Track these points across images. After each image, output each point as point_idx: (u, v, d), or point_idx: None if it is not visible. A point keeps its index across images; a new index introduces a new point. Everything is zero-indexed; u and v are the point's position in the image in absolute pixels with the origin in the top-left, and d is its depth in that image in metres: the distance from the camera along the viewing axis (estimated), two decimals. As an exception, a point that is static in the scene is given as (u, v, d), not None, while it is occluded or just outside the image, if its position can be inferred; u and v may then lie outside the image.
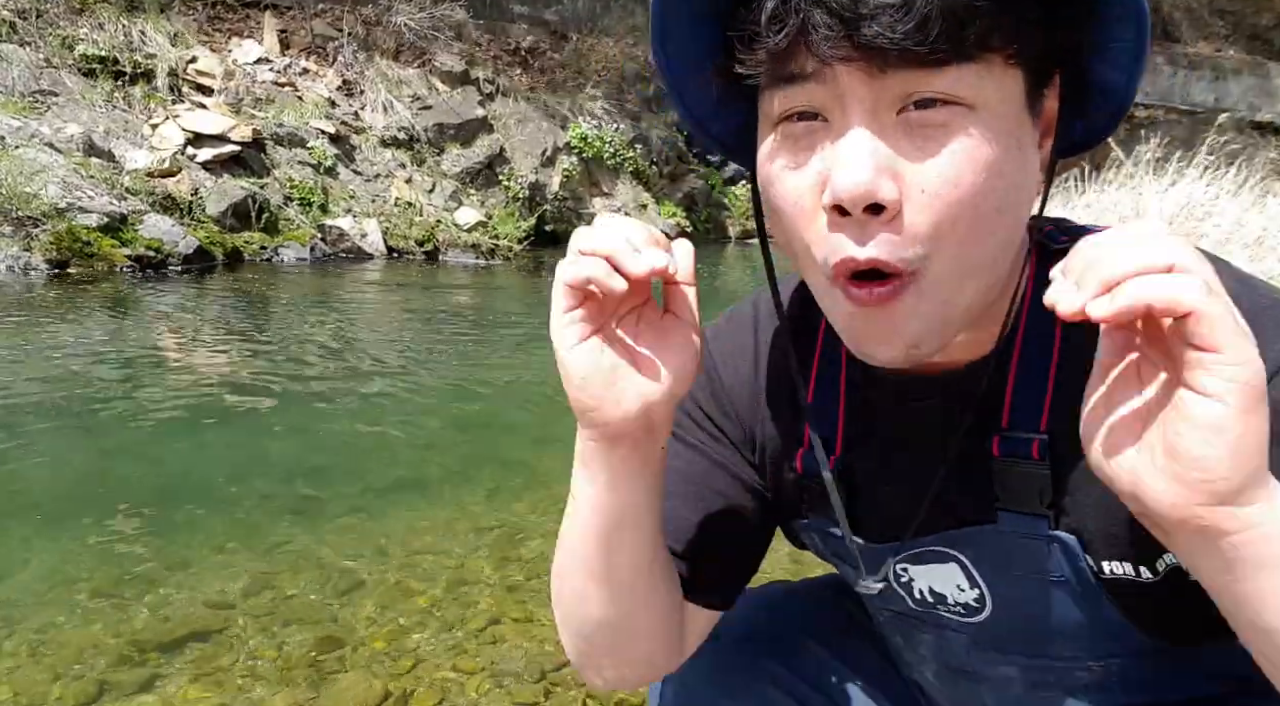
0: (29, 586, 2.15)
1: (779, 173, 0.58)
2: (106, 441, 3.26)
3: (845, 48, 0.51)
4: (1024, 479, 0.65)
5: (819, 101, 0.54)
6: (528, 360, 4.88)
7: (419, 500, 2.78)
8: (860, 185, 0.52)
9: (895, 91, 0.52)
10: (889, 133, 0.53)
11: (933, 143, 0.53)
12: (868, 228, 0.54)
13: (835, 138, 0.54)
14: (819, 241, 0.57)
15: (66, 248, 6.50)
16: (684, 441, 0.81)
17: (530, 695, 1.80)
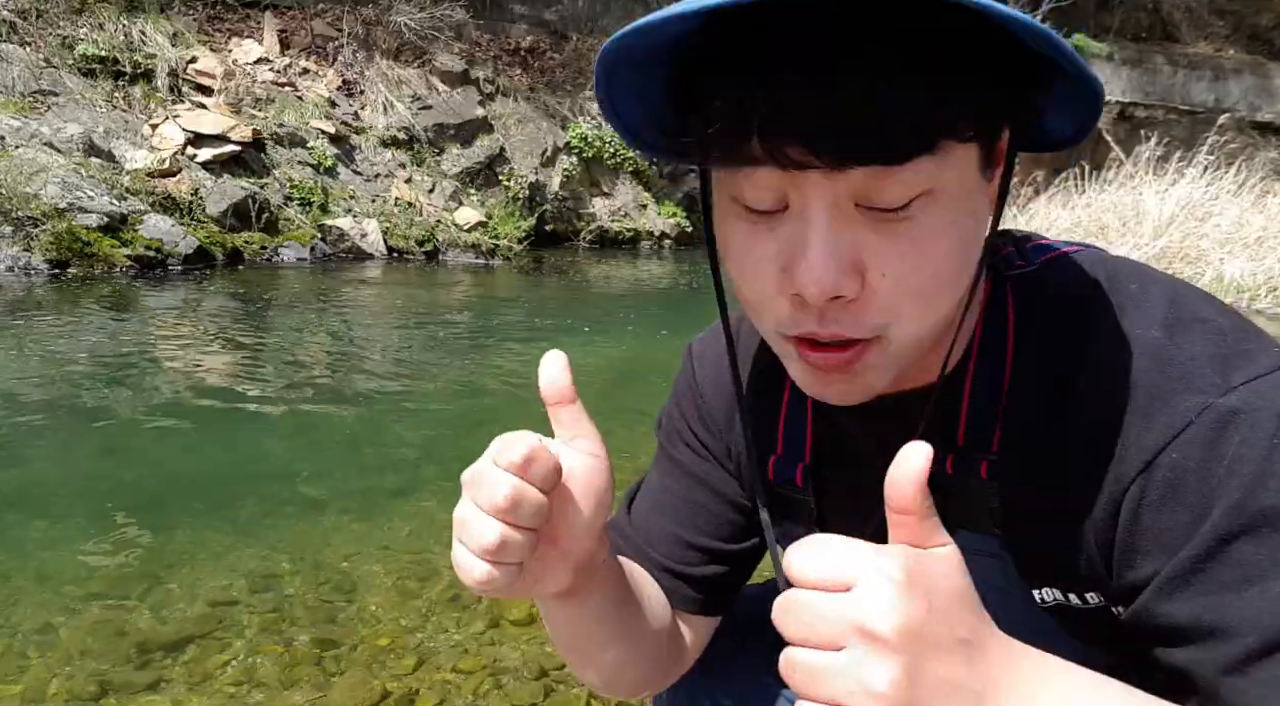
0: (29, 586, 2.15)
1: (736, 245, 0.58)
2: (106, 441, 3.26)
3: (805, 154, 0.50)
4: (974, 496, 0.67)
5: (780, 193, 0.53)
6: (528, 360, 4.89)
7: (419, 500, 2.78)
8: (825, 287, 0.53)
9: (856, 185, 0.52)
10: (851, 222, 0.53)
11: (895, 232, 0.53)
12: (830, 311, 0.55)
13: (796, 226, 0.54)
14: (778, 311, 0.57)
15: (66, 248, 6.50)
16: (671, 458, 0.85)
17: (529, 695, 1.80)
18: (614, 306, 7.02)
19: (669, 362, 4.30)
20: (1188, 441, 0.56)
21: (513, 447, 0.57)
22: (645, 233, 10.94)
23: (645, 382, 4.55)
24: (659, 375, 4.74)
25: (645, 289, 8.26)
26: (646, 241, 10.94)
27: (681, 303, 7.54)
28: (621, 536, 0.85)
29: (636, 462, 3.19)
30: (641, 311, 6.80)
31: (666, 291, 8.26)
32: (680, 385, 0.87)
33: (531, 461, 0.56)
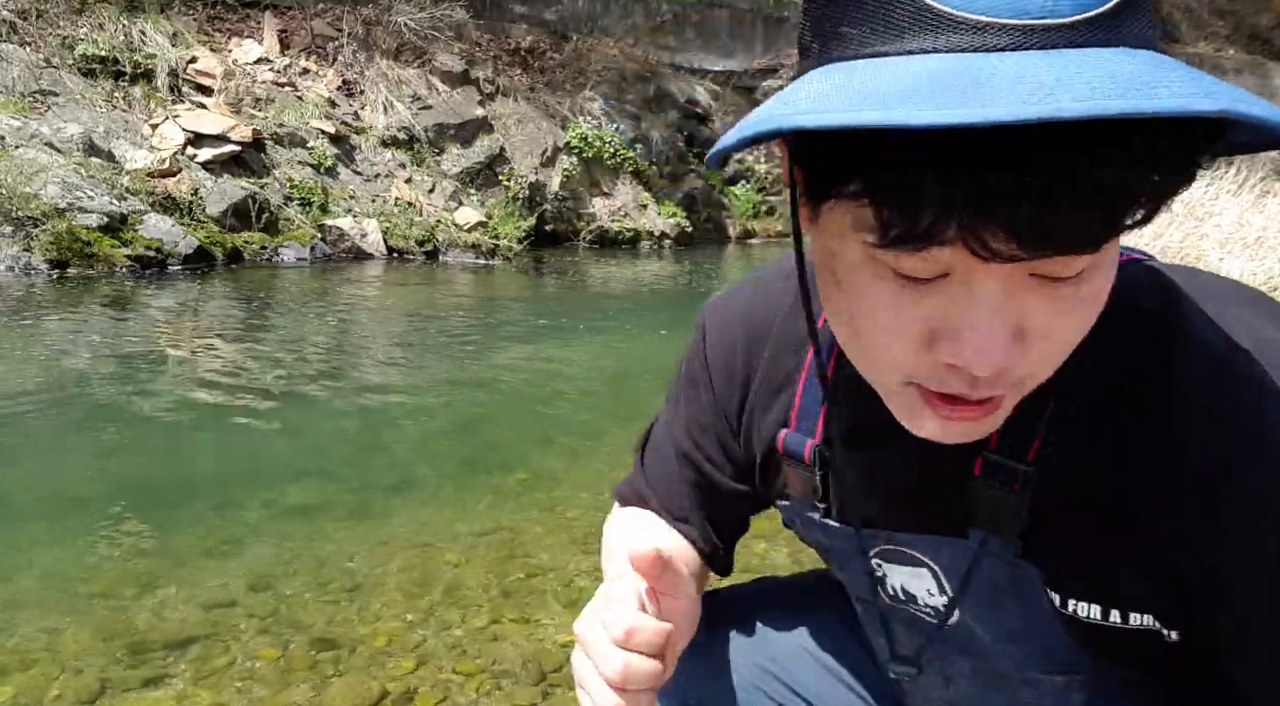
0: (29, 586, 2.15)
1: (876, 301, 0.52)
2: (106, 441, 3.26)
3: (1014, 249, 0.44)
4: (999, 504, 0.65)
5: (946, 264, 0.48)
6: (528, 360, 4.89)
7: (419, 500, 2.79)
8: (994, 365, 0.49)
9: (1037, 264, 0.47)
10: (1020, 291, 0.48)
11: (1061, 296, 0.49)
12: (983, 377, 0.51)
13: (958, 296, 0.49)
14: (916, 368, 0.53)
15: (66, 248, 6.50)
16: (679, 412, 0.87)
17: (529, 696, 1.80)
18: (614, 306, 7.03)
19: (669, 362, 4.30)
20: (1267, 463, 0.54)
21: (617, 619, 0.62)
22: (645, 233, 10.94)
23: (644, 382, 4.55)
24: (658, 375, 4.74)
25: (645, 289, 8.26)
26: (646, 241, 10.94)
27: (681, 303, 7.55)
28: (636, 492, 0.91)
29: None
30: (641, 311, 6.80)
31: (666, 291, 8.26)
32: (693, 351, 0.87)
33: (634, 633, 0.62)
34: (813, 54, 0.49)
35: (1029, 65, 0.40)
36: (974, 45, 0.42)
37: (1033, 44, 0.42)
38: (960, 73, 0.41)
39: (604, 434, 3.56)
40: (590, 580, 2.28)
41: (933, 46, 0.43)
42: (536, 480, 2.98)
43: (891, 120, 0.39)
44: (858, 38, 0.45)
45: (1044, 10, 0.42)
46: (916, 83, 0.41)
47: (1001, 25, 0.42)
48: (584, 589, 2.23)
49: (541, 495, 2.84)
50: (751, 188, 12.57)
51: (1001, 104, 0.38)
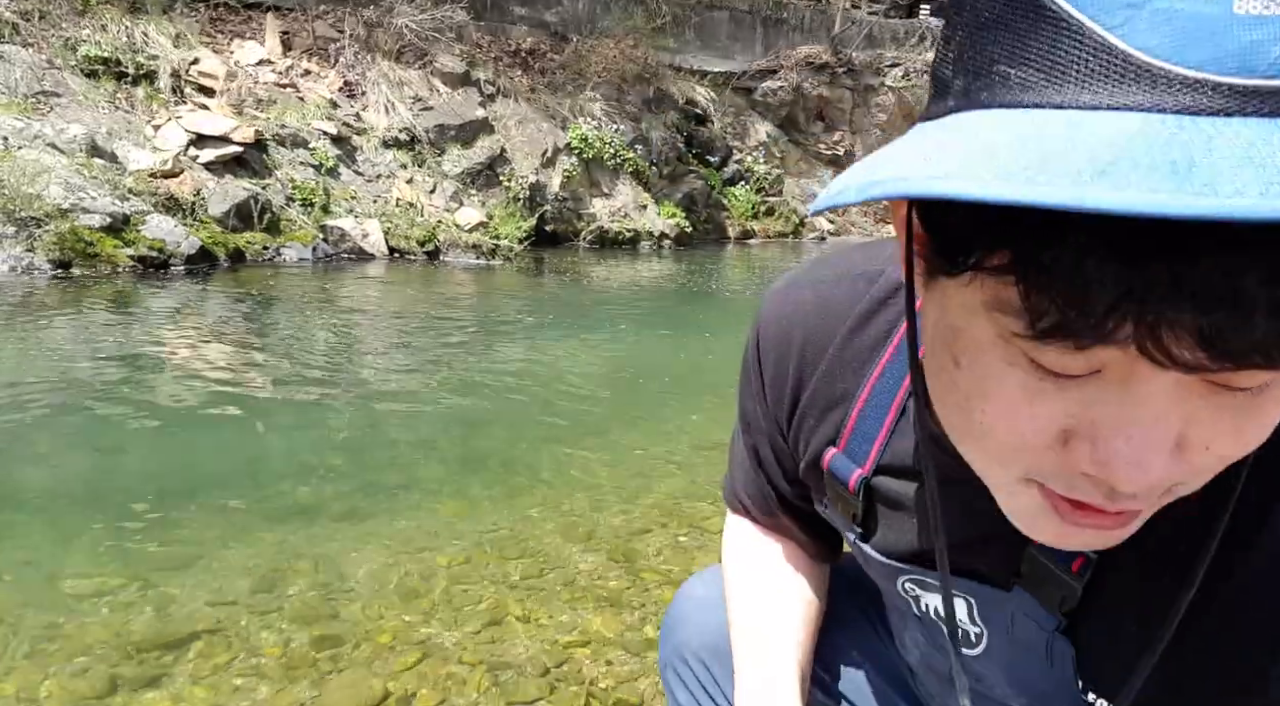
0: (30, 585, 2.16)
1: (1008, 390, 0.43)
2: (108, 441, 3.28)
3: (1200, 357, 0.36)
4: (1051, 579, 0.61)
5: (1101, 362, 0.39)
6: (529, 360, 4.91)
7: (420, 499, 2.80)
8: (1150, 484, 0.41)
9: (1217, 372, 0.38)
10: (1187, 396, 0.40)
11: (1233, 406, 0.41)
12: None
13: (1109, 397, 0.40)
14: (1042, 466, 0.45)
15: (69, 248, 6.52)
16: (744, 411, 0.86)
17: (530, 693, 1.82)
18: (614, 306, 7.04)
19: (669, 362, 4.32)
20: None
21: None
22: (645, 233, 10.96)
23: (644, 382, 4.57)
24: (658, 375, 4.76)
25: (645, 289, 8.27)
26: (646, 242, 10.95)
27: (681, 303, 7.56)
28: (734, 494, 0.93)
29: (635, 462, 3.22)
30: (641, 312, 6.82)
31: (666, 292, 8.27)
32: (750, 345, 0.82)
33: None
34: (955, 92, 0.39)
35: (1256, 139, 0.31)
36: (1179, 106, 0.32)
37: (1256, 110, 0.32)
38: (1168, 143, 0.31)
39: (605, 433, 3.58)
40: (590, 580, 2.30)
41: (1124, 102, 0.33)
42: (536, 480, 3.00)
43: (1089, 202, 0.30)
44: (1021, 81, 0.36)
45: (1276, 68, 0.32)
46: (1111, 151, 0.31)
47: (1218, 84, 0.32)
48: (584, 587, 2.25)
49: (542, 495, 2.86)
50: (750, 188, 12.58)
51: (1229, 190, 0.29)
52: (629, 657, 1.95)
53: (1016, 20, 0.36)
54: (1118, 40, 0.33)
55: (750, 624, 0.87)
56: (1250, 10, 0.32)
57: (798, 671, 0.83)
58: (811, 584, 0.90)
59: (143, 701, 1.74)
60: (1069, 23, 0.34)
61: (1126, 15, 0.33)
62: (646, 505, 2.81)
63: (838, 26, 14.02)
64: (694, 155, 12.30)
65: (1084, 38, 0.34)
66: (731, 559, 0.94)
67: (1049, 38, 0.35)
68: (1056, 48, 0.35)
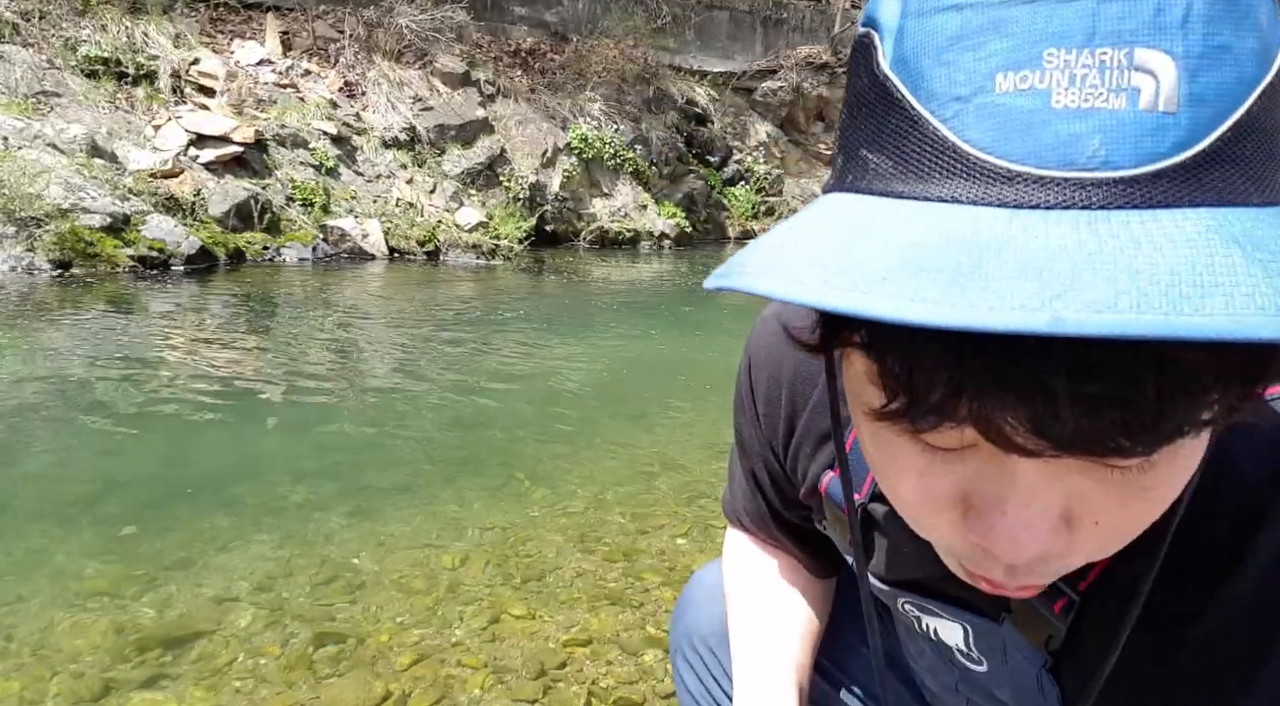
0: (30, 585, 2.16)
1: (900, 466, 0.44)
2: (108, 440, 3.28)
3: (1042, 446, 0.36)
4: (1036, 619, 0.61)
5: (973, 439, 0.40)
6: (529, 360, 4.91)
7: (420, 499, 2.81)
8: (1027, 556, 0.41)
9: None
10: (1066, 473, 0.40)
11: (1124, 482, 0.40)
12: (1023, 565, 0.43)
13: (990, 471, 0.41)
14: (945, 539, 0.46)
15: (69, 248, 6.52)
16: (740, 435, 0.86)
17: (530, 692, 1.82)
18: (614, 306, 7.05)
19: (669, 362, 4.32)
20: None
21: None
22: (645, 233, 10.96)
23: (645, 382, 4.57)
24: (658, 374, 4.76)
25: (645, 289, 8.28)
26: (646, 242, 10.96)
27: (681, 303, 7.56)
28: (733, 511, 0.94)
29: (635, 462, 3.22)
30: (641, 312, 6.82)
31: (666, 291, 8.27)
32: (740, 373, 0.82)
33: None
34: (836, 169, 0.42)
35: (1054, 241, 0.31)
36: (1007, 200, 0.33)
37: (1079, 202, 0.33)
38: (968, 244, 0.32)
39: (605, 433, 3.59)
40: (590, 580, 2.31)
41: (954, 195, 0.34)
42: (536, 480, 3.00)
43: (853, 306, 0.31)
44: (876, 168, 0.38)
45: (1095, 161, 0.33)
46: (914, 254, 0.33)
47: (1039, 177, 0.33)
48: (583, 587, 2.26)
49: (541, 494, 2.86)
50: (750, 188, 12.59)
51: (989, 303, 0.30)
52: (629, 657, 1.95)
53: (876, 107, 0.38)
54: (949, 133, 0.35)
55: (748, 640, 0.88)
56: (1069, 104, 0.33)
57: (795, 690, 0.84)
58: (811, 600, 0.90)
59: (143, 701, 1.74)
60: (911, 113, 0.36)
61: (956, 109, 0.35)
62: (646, 505, 2.81)
63: (838, 26, 14.03)
64: (694, 155, 12.30)
65: (924, 129, 0.35)
66: (731, 574, 0.94)
67: (897, 127, 0.37)
68: (904, 138, 0.36)
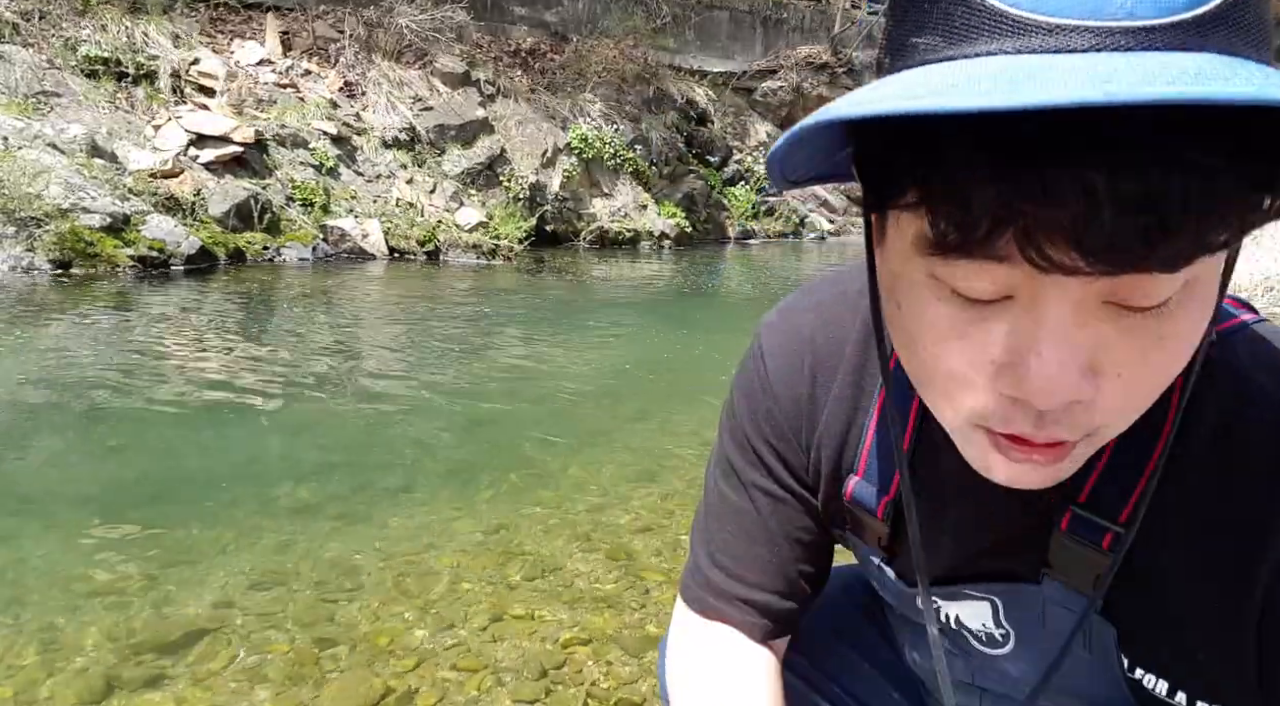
0: (30, 586, 2.16)
1: (938, 327, 0.48)
2: (108, 441, 3.28)
3: (1077, 261, 0.40)
4: (1082, 560, 0.62)
5: (1006, 285, 0.45)
6: (529, 360, 4.91)
7: (420, 499, 2.80)
8: (1061, 397, 0.45)
9: (1113, 286, 0.43)
10: (1094, 320, 0.44)
11: (1141, 329, 0.45)
12: (1051, 414, 0.47)
13: (1023, 322, 0.45)
14: (982, 405, 0.49)
15: (69, 248, 6.52)
16: (739, 472, 0.80)
17: (531, 693, 1.82)
18: (614, 307, 7.05)
19: (669, 362, 4.31)
20: None
21: None
22: (645, 233, 10.96)
23: (645, 382, 4.57)
24: (659, 374, 4.76)
25: (645, 289, 8.28)
26: (646, 242, 10.96)
27: (681, 303, 7.56)
28: (698, 597, 0.82)
29: (635, 462, 3.22)
30: (642, 311, 6.82)
31: (666, 292, 8.28)
32: (749, 378, 0.78)
33: None
34: (884, 69, 0.46)
35: (1096, 63, 0.37)
36: (1046, 47, 0.39)
37: (1108, 46, 0.38)
38: (1021, 68, 0.37)
39: (605, 433, 3.59)
40: (589, 580, 2.31)
41: (1001, 48, 0.40)
42: (536, 480, 3.00)
43: (921, 106, 0.36)
44: (927, 46, 0.43)
45: (1122, 11, 0.38)
46: (971, 77, 0.38)
47: (1074, 27, 0.38)
48: (584, 588, 2.26)
49: (541, 495, 2.86)
50: (750, 188, 12.59)
51: (1045, 91, 0.34)
52: (629, 658, 1.95)
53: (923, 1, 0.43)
54: (994, 1, 0.40)
55: None
56: None
57: None
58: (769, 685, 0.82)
59: (142, 701, 1.74)
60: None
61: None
62: (646, 505, 2.81)
63: (838, 26, 14.03)
64: (694, 155, 12.31)
65: (970, 3, 0.41)
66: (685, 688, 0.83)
67: (945, 8, 0.42)
68: (950, 14, 0.42)
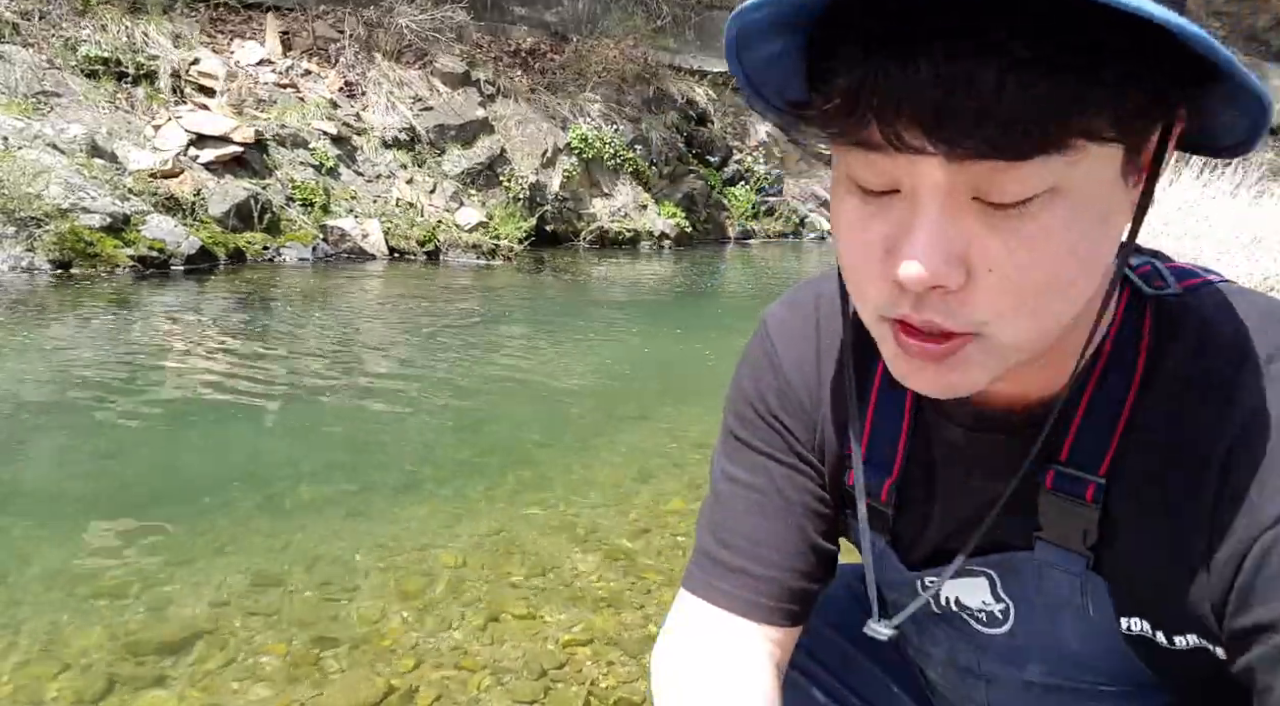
0: (30, 586, 2.17)
1: (846, 222, 0.56)
2: (108, 441, 3.28)
3: (921, 140, 0.47)
4: (1070, 516, 0.64)
5: (892, 176, 0.51)
6: (529, 360, 4.91)
7: (419, 499, 2.81)
8: (924, 275, 0.50)
9: (973, 177, 0.48)
10: (963, 214, 0.50)
11: (1008, 228, 0.50)
12: (928, 299, 0.52)
13: (906, 211, 0.51)
14: (877, 291, 0.55)
15: (69, 248, 6.52)
16: (750, 446, 0.80)
17: (530, 692, 1.82)
18: (614, 307, 7.05)
19: (669, 362, 4.30)
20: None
21: None
22: (645, 233, 10.96)
23: (644, 382, 4.58)
24: (659, 374, 4.76)
25: (645, 289, 8.28)
26: (646, 242, 10.96)
27: (681, 303, 7.57)
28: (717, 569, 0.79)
29: (635, 462, 3.22)
30: (642, 311, 6.82)
31: (666, 291, 8.28)
32: (757, 359, 0.80)
33: None
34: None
35: None
36: None
37: None
38: None
39: (605, 433, 3.59)
40: (589, 580, 2.31)
41: None
42: (536, 480, 3.00)
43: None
44: None
45: None
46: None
47: None
48: (583, 588, 2.26)
49: (542, 495, 2.86)
50: (750, 188, 12.59)
51: None
52: (628, 658, 1.96)
53: None
54: None
55: None
56: None
57: None
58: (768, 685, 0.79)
59: (142, 701, 1.74)
60: None
61: None
62: (646, 505, 2.81)
63: (838, 26, 14.01)
64: (694, 155, 12.30)
65: None
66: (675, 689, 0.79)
67: None
68: None
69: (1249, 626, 0.56)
